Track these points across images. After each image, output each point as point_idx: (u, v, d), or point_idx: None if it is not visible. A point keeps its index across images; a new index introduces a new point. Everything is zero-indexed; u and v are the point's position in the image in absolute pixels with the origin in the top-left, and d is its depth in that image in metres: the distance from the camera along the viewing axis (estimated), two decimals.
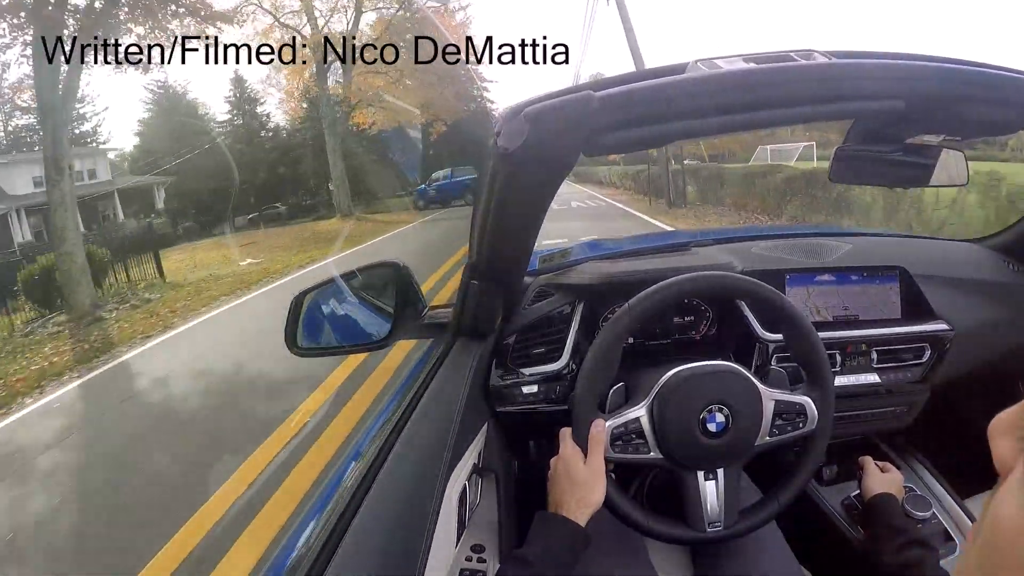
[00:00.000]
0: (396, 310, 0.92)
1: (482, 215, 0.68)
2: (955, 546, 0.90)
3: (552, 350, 0.94)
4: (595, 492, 0.68)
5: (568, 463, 0.70)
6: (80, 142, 18.72)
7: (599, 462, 0.69)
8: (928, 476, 1.03)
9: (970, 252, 1.17)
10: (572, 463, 0.69)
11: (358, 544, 0.54)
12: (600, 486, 0.69)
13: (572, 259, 1.17)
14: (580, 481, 0.68)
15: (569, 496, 0.68)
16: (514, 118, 0.51)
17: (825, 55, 0.55)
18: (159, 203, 20.14)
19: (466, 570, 0.74)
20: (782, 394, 0.74)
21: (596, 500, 0.68)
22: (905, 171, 0.78)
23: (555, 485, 0.71)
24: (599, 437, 0.70)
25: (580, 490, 0.68)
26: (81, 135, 19.41)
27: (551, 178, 0.62)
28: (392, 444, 0.68)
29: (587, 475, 0.69)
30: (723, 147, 19.40)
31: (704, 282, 0.75)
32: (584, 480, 0.68)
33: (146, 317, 7.51)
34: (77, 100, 18.04)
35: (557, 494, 0.70)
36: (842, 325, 1.00)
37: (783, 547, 0.82)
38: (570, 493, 0.68)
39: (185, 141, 19.76)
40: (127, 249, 10.38)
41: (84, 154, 17.90)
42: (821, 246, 1.11)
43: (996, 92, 0.54)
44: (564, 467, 0.70)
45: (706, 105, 0.51)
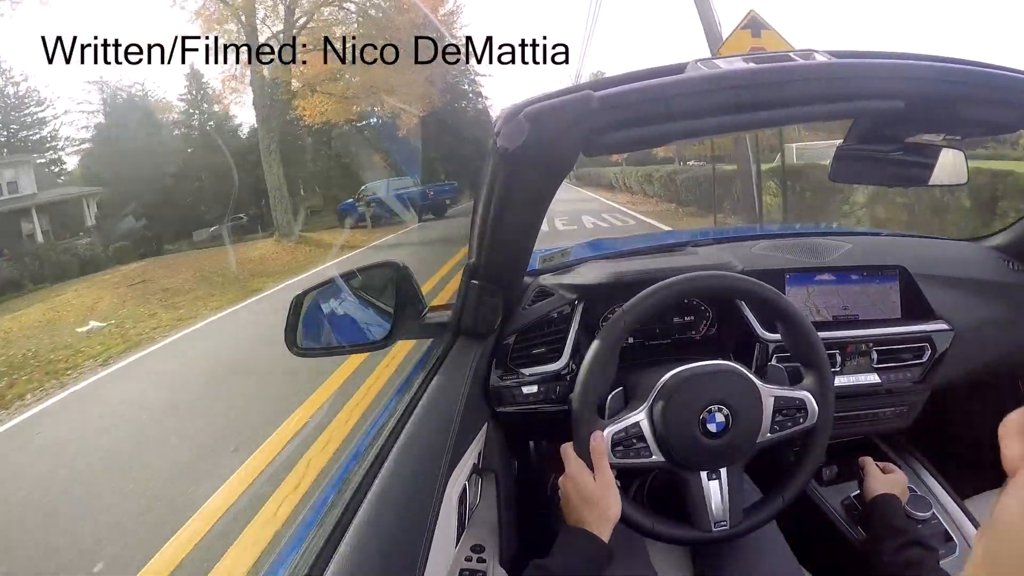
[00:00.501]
0: (396, 310, 0.92)
1: (482, 215, 0.68)
2: (955, 546, 0.90)
3: (552, 350, 0.94)
4: (612, 507, 0.69)
5: (578, 482, 0.69)
6: (39, 148, 16.76)
7: (607, 476, 0.69)
8: (928, 476, 1.03)
9: (970, 251, 1.17)
10: (582, 481, 0.69)
11: (358, 544, 0.54)
12: (615, 500, 0.69)
13: (572, 259, 1.17)
14: (594, 498, 0.68)
15: (588, 514, 0.68)
16: (514, 118, 0.51)
17: (825, 55, 0.55)
18: (90, 219, 16.37)
19: (466, 570, 0.74)
20: (781, 390, 0.74)
21: (614, 515, 0.69)
22: (905, 170, 0.78)
23: (569, 504, 0.70)
24: (601, 449, 0.70)
25: (597, 508, 0.68)
26: (40, 140, 17.20)
27: (551, 178, 0.62)
28: (392, 444, 0.68)
29: (600, 491, 0.68)
30: (719, 146, 18.27)
31: (703, 282, 0.75)
32: (599, 497, 0.68)
33: None
34: (36, 104, 16.52)
35: (574, 513, 0.69)
36: (842, 325, 1.00)
37: (783, 547, 0.82)
38: (588, 511, 0.68)
39: (126, 147, 16.98)
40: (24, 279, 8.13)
41: (5, 163, 15.23)
42: (821, 246, 1.11)
43: (996, 92, 0.54)
44: (574, 486, 0.70)
45: (706, 105, 0.51)
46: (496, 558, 0.78)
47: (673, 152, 17.29)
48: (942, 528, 0.91)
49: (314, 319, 0.96)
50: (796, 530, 0.86)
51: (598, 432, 0.71)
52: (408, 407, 0.76)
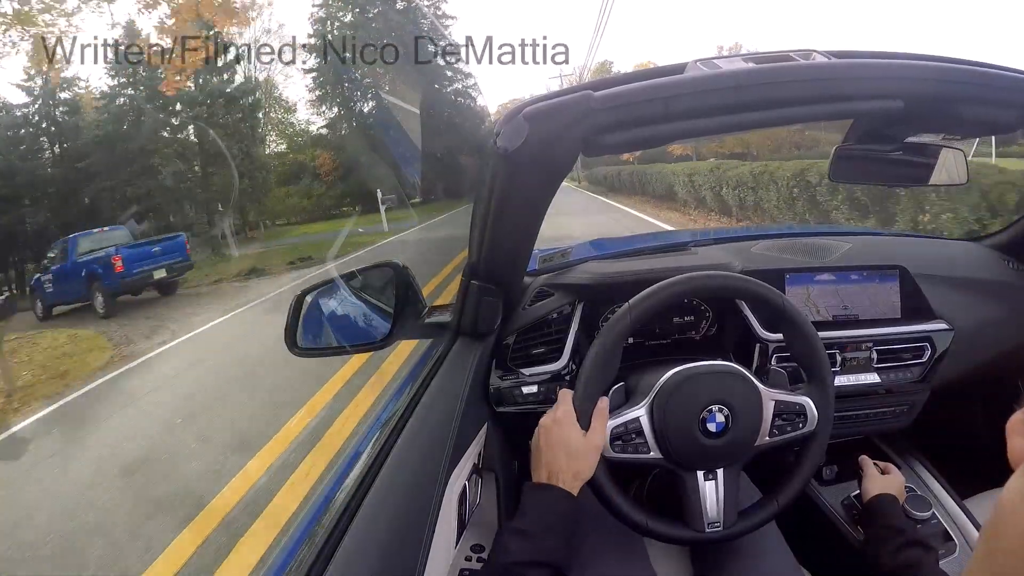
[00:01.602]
0: (396, 310, 0.92)
1: (482, 215, 0.68)
2: (955, 546, 0.90)
3: (552, 350, 0.94)
4: (589, 468, 0.67)
5: (564, 429, 0.67)
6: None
7: (599, 437, 0.68)
8: (928, 476, 1.03)
9: (970, 251, 1.17)
10: (569, 430, 0.67)
11: (358, 544, 0.54)
12: (594, 460, 0.67)
13: (572, 259, 1.17)
14: (577, 453, 0.66)
15: (564, 465, 0.66)
16: (513, 118, 0.51)
17: (825, 55, 0.55)
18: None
19: (466, 570, 0.74)
20: (782, 394, 0.74)
21: (587, 476, 0.67)
22: (905, 170, 0.79)
23: (548, 450, 0.67)
24: (604, 412, 0.69)
25: (575, 463, 0.66)
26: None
27: (551, 178, 0.62)
28: (392, 444, 0.68)
29: (585, 447, 0.67)
30: (736, 145, 16.07)
31: (703, 282, 0.75)
32: (582, 453, 0.67)
33: None
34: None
35: (550, 460, 0.67)
36: (842, 325, 1.00)
37: (783, 547, 0.82)
38: (565, 462, 0.66)
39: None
40: None
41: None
42: (821, 246, 1.11)
43: (995, 92, 0.54)
44: (560, 432, 0.67)
45: (706, 105, 0.52)
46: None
47: (692, 151, 16.28)
48: (942, 528, 0.91)
49: (314, 319, 0.96)
50: (796, 530, 0.86)
51: (604, 398, 0.70)
52: (408, 407, 0.76)
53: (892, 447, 1.09)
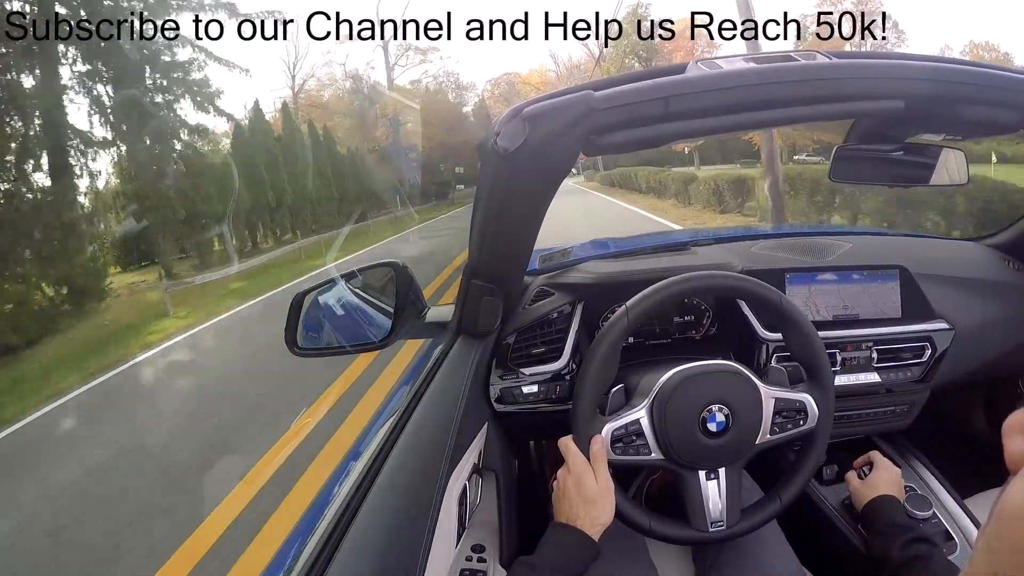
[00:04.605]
0: (396, 310, 0.92)
1: (482, 215, 0.68)
2: (955, 545, 0.90)
3: (552, 350, 0.94)
4: (607, 511, 0.69)
5: (580, 479, 0.69)
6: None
7: (607, 479, 0.70)
8: (928, 476, 1.02)
9: (970, 251, 1.17)
10: (584, 480, 0.69)
11: (358, 544, 0.54)
12: (611, 504, 0.69)
13: (572, 259, 1.17)
14: (593, 499, 0.68)
15: (583, 512, 0.68)
16: (513, 118, 0.51)
17: (826, 55, 0.55)
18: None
19: (466, 570, 0.74)
20: (782, 392, 0.74)
21: (607, 520, 0.69)
22: (905, 170, 0.79)
23: (565, 499, 0.70)
24: (601, 454, 0.70)
25: (594, 509, 0.68)
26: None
27: (551, 178, 0.62)
28: (392, 444, 0.68)
29: (599, 493, 0.69)
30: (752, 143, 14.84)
31: (703, 282, 0.75)
32: (597, 498, 0.68)
33: None
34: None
35: (568, 509, 0.69)
36: (842, 324, 1.00)
37: (784, 547, 0.82)
38: (583, 509, 0.68)
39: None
40: None
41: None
42: (821, 245, 1.11)
43: (995, 92, 0.54)
44: (575, 482, 0.69)
45: (707, 105, 0.51)
46: (496, 558, 0.78)
47: (694, 149, 16.50)
48: (942, 527, 0.91)
49: (314, 319, 0.96)
50: (797, 530, 0.86)
51: (597, 436, 0.71)
52: (408, 407, 0.76)
53: (892, 447, 1.09)
